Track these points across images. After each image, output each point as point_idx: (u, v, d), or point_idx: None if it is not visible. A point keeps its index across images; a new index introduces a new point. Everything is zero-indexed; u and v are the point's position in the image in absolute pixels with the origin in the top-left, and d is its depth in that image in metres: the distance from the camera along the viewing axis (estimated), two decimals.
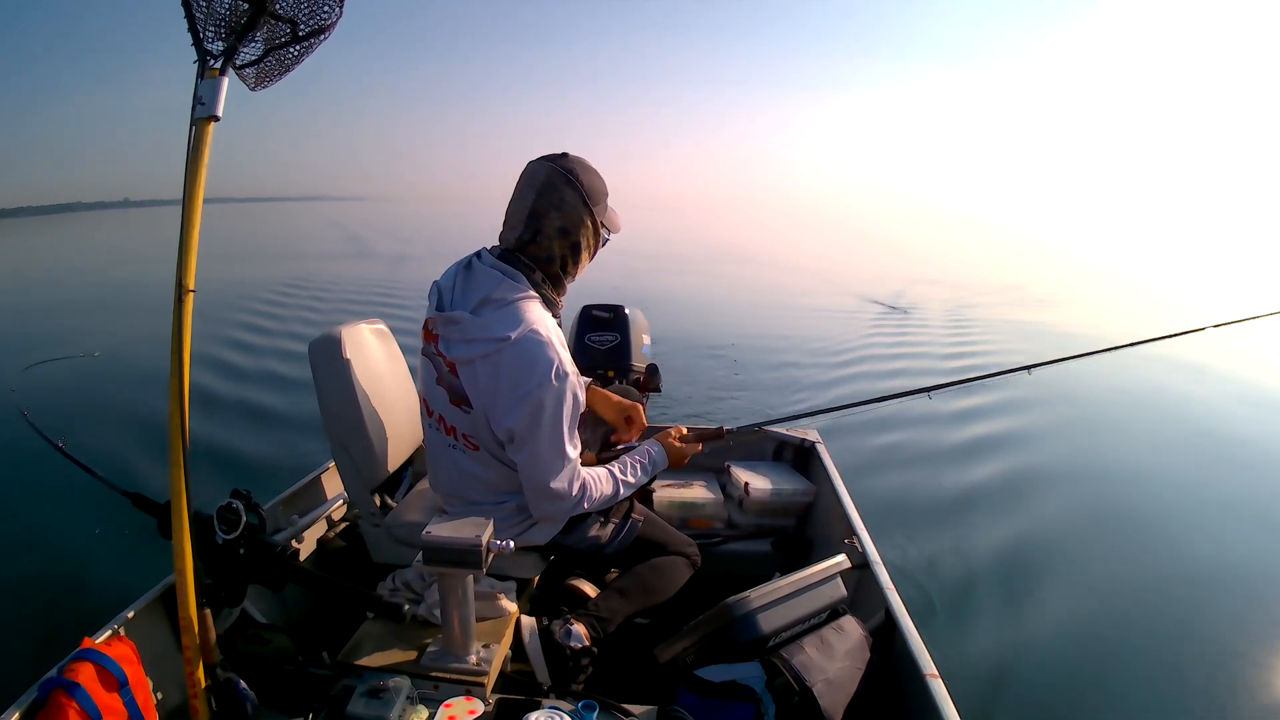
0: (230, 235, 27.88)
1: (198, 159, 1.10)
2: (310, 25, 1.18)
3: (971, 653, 2.27)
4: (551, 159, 1.35)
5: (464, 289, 1.34)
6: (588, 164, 1.37)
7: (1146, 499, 3.61)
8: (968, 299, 11.18)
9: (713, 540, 2.06)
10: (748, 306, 10.21)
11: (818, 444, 2.27)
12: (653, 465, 1.54)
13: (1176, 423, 4.90)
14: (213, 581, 1.22)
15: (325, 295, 10.06)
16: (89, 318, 8.67)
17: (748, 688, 1.17)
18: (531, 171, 1.35)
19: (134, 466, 3.42)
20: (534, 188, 1.33)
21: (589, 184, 1.34)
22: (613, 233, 1.44)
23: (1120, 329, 8.06)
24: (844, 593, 1.40)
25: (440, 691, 1.20)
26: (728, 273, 14.91)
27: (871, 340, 7.65)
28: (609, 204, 1.41)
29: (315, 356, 1.60)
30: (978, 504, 3.42)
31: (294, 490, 1.87)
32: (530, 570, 1.53)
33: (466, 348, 1.29)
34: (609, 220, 1.41)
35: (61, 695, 1.00)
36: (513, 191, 1.37)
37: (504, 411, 1.28)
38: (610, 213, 1.41)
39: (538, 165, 1.34)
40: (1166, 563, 2.96)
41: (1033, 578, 2.76)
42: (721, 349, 6.91)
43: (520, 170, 1.38)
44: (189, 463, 1.10)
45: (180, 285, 1.09)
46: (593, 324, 2.59)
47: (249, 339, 6.86)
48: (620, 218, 1.45)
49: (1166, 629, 2.49)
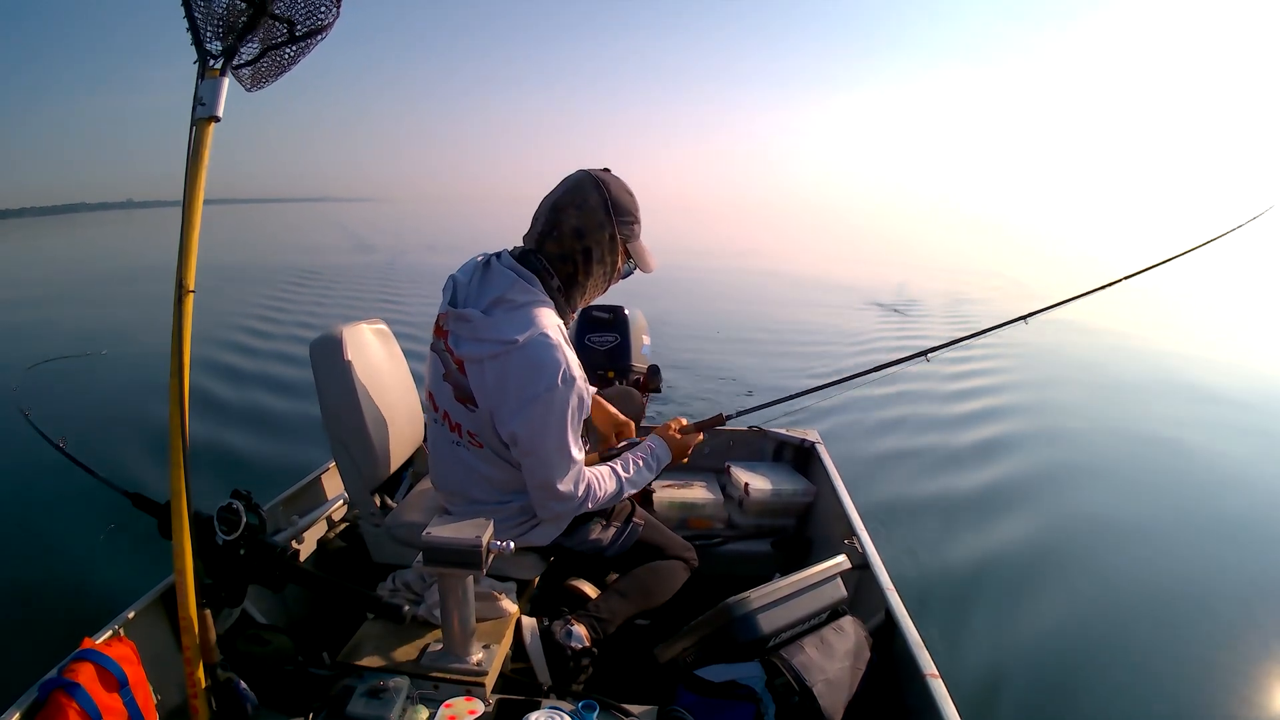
0: (236, 236, 27.93)
1: (198, 159, 1.11)
2: (307, 26, 1.18)
3: (971, 653, 2.26)
4: (587, 169, 1.38)
5: (479, 287, 1.35)
6: (624, 183, 1.39)
7: (1148, 499, 3.60)
8: (969, 294, 11.13)
9: (713, 541, 2.06)
10: (750, 303, 10.19)
11: (818, 444, 2.27)
12: (655, 460, 1.54)
13: (1181, 427, 4.87)
14: (213, 582, 1.22)
15: (328, 296, 10.05)
16: (93, 317, 8.68)
17: (748, 688, 1.17)
18: (568, 175, 1.39)
19: (135, 467, 3.42)
20: (564, 186, 1.36)
21: (616, 195, 1.35)
22: (639, 268, 1.43)
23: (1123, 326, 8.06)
24: (844, 593, 1.40)
25: (440, 692, 1.20)
26: (732, 273, 14.86)
27: (875, 335, 7.62)
28: (642, 239, 1.41)
29: (316, 356, 1.60)
30: (978, 505, 3.42)
31: (294, 490, 1.87)
32: (531, 571, 1.53)
33: (475, 346, 1.29)
34: (636, 250, 1.41)
35: (61, 695, 1.00)
36: None
37: (510, 415, 1.28)
38: (640, 245, 1.41)
39: (577, 171, 1.39)
40: (1168, 563, 2.95)
41: (1033, 578, 2.76)
42: (713, 338, 6.91)
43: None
44: (189, 463, 1.10)
45: (180, 285, 1.09)
46: (592, 324, 2.58)
47: (250, 341, 6.85)
48: (655, 260, 1.44)
49: (1167, 629, 2.49)
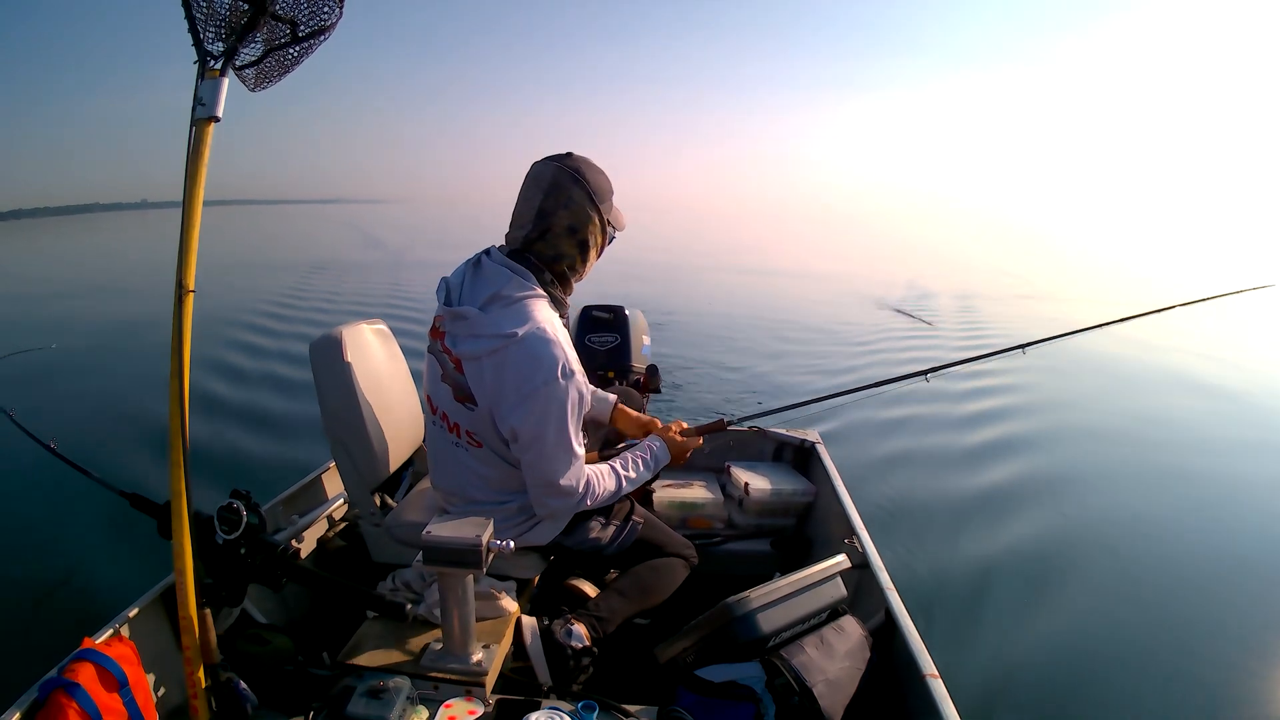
0: (247, 237, 27.88)
1: (198, 159, 1.11)
2: (310, 26, 1.19)
3: (971, 653, 2.26)
4: (557, 159, 1.35)
5: (472, 286, 1.35)
6: (593, 163, 1.38)
7: (1149, 500, 3.60)
8: (984, 300, 11.05)
9: (712, 540, 2.06)
10: (758, 306, 10.17)
11: (818, 444, 2.27)
12: (655, 461, 1.54)
13: (1184, 429, 4.86)
14: (213, 581, 1.22)
15: (335, 296, 10.02)
16: (97, 317, 8.67)
17: (748, 688, 1.17)
18: (538, 172, 1.35)
19: (135, 466, 3.42)
20: (541, 188, 1.34)
21: (595, 182, 1.36)
22: (618, 230, 1.45)
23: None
24: (844, 593, 1.40)
25: (440, 692, 1.20)
26: (738, 273, 14.83)
27: (882, 341, 7.54)
28: (613, 202, 1.42)
29: (316, 357, 1.60)
30: (978, 505, 3.41)
31: (294, 490, 1.87)
32: (530, 570, 1.53)
33: (473, 344, 1.29)
34: (614, 218, 1.42)
35: (61, 695, 1.00)
36: (519, 192, 1.38)
37: (510, 409, 1.28)
38: (615, 211, 1.42)
39: (543, 166, 1.35)
40: (1169, 564, 2.95)
41: (1033, 578, 2.76)
42: (719, 339, 6.91)
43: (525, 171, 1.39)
44: (189, 463, 1.10)
45: (180, 285, 1.09)
46: (593, 325, 2.58)
47: (256, 340, 6.85)
48: (625, 216, 1.46)
49: (1168, 628, 2.48)
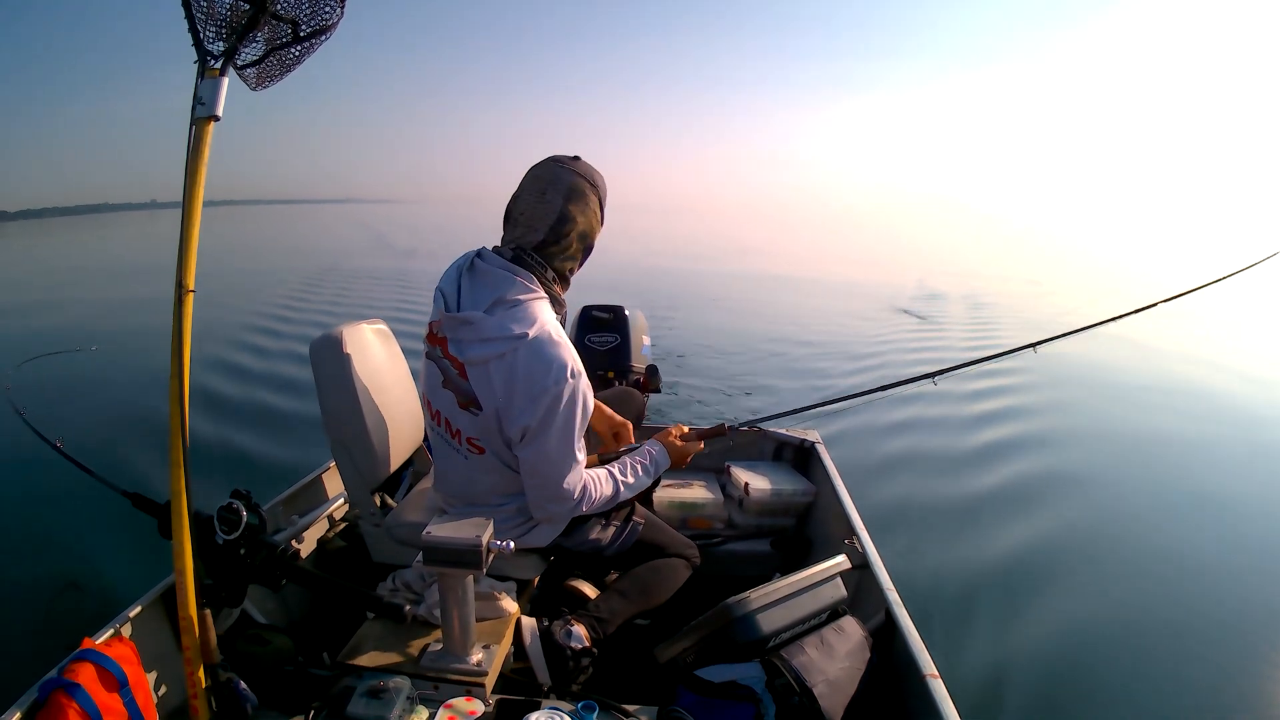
0: (256, 237, 27.86)
1: (198, 159, 1.11)
2: (312, 26, 1.19)
3: (972, 653, 2.27)
4: (566, 163, 1.34)
5: (472, 290, 1.32)
6: (593, 166, 1.38)
7: (1149, 500, 3.60)
8: (986, 298, 11.06)
9: (713, 540, 2.06)
10: (759, 306, 10.16)
11: (818, 444, 2.27)
12: (654, 466, 1.53)
13: (1184, 430, 4.86)
14: (213, 581, 1.22)
15: (344, 297, 10.01)
16: (96, 315, 8.67)
17: (748, 688, 1.17)
18: (553, 176, 1.32)
19: (136, 466, 3.42)
20: (560, 193, 1.31)
21: (603, 189, 1.38)
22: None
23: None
24: (844, 593, 1.40)
25: (440, 692, 1.20)
26: (739, 273, 14.82)
27: (886, 342, 7.53)
28: None
29: (316, 356, 1.60)
30: (978, 505, 3.42)
31: (294, 490, 1.87)
32: (530, 571, 1.53)
33: (482, 348, 1.27)
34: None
35: (61, 696, 1.00)
36: (522, 191, 1.35)
37: (519, 410, 1.27)
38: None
39: (558, 170, 1.33)
40: (1169, 564, 2.95)
41: (1033, 578, 2.76)
42: (721, 345, 6.89)
43: (525, 170, 1.37)
44: (189, 463, 1.10)
45: (180, 285, 1.09)
46: (593, 325, 2.58)
47: (260, 340, 6.85)
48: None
49: (1168, 629, 2.49)
